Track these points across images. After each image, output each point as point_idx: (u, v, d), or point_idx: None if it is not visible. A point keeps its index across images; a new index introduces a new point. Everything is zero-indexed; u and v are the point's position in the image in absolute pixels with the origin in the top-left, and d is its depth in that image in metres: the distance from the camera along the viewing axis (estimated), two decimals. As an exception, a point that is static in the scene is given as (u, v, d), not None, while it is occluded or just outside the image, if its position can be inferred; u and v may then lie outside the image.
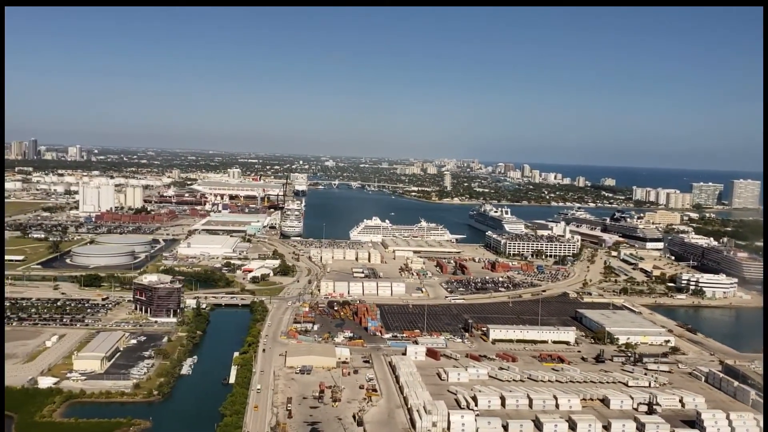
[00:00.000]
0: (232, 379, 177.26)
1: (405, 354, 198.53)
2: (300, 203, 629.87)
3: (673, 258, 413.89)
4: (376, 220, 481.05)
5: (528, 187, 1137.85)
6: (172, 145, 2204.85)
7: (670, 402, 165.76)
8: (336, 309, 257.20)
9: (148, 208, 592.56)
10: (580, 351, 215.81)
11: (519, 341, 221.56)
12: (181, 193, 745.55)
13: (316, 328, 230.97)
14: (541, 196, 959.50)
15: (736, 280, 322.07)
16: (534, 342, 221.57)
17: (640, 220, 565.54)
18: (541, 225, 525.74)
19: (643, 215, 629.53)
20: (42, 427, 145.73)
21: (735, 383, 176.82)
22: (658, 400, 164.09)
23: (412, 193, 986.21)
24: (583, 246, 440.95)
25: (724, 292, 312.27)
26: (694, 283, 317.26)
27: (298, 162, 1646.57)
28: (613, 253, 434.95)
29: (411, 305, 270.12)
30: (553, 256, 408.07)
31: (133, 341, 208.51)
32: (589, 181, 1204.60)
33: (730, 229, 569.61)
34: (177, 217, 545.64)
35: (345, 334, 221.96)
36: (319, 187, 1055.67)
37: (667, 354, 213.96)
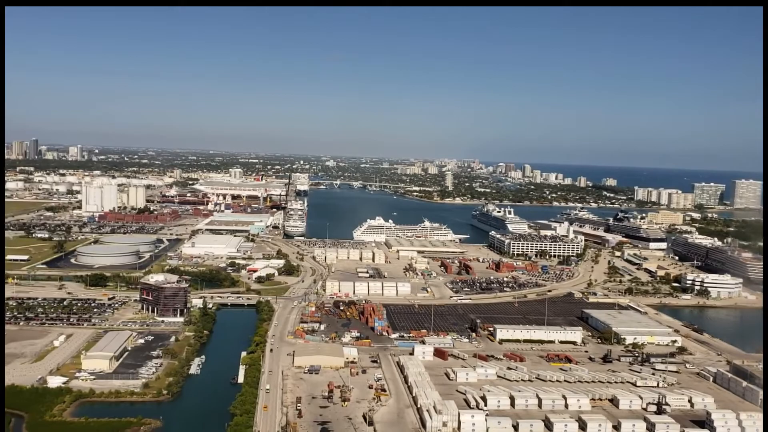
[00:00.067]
0: (240, 379, 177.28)
1: (413, 354, 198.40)
2: (303, 203, 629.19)
3: (676, 258, 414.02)
4: (380, 220, 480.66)
5: (529, 187, 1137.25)
6: (173, 145, 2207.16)
7: (679, 402, 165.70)
8: (342, 309, 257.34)
9: (151, 208, 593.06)
10: (587, 351, 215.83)
11: (526, 341, 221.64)
12: (183, 193, 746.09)
13: (323, 327, 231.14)
14: (542, 197, 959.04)
15: (741, 280, 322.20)
16: (541, 342, 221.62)
17: (642, 220, 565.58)
18: (544, 225, 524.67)
19: (645, 215, 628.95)
20: (53, 427, 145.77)
21: (744, 383, 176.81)
22: (667, 400, 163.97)
23: (414, 193, 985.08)
24: (587, 246, 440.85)
25: (729, 293, 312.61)
26: (699, 283, 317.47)
27: (299, 162, 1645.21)
28: (617, 253, 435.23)
29: (417, 305, 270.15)
30: (557, 256, 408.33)
31: (141, 341, 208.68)
32: (591, 182, 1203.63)
33: (733, 229, 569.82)
34: (180, 217, 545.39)
35: (352, 334, 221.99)
36: (321, 187, 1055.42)
37: (675, 354, 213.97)
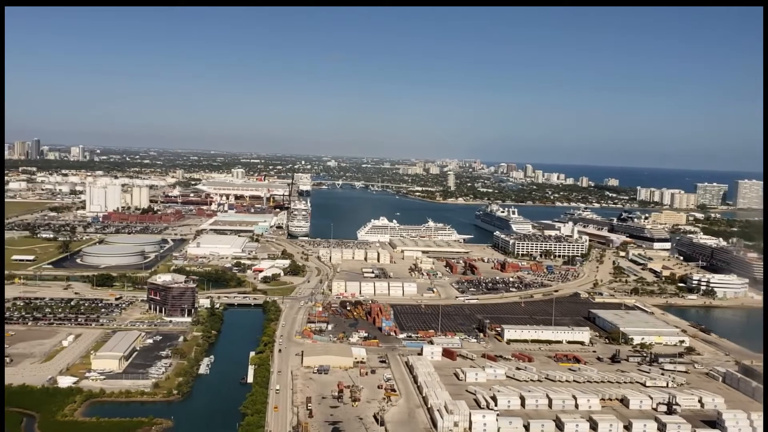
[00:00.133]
0: (250, 379, 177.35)
1: (421, 354, 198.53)
2: (306, 203, 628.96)
3: (681, 258, 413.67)
4: (384, 220, 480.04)
5: (531, 187, 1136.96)
6: (174, 146, 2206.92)
7: (690, 402, 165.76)
8: (349, 309, 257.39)
9: (155, 208, 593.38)
10: (595, 351, 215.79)
11: (534, 341, 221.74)
12: (186, 193, 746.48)
13: (330, 328, 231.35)
14: (545, 197, 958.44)
15: (747, 280, 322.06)
16: (549, 342, 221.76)
17: (646, 220, 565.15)
18: (548, 225, 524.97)
19: (648, 216, 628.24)
20: (65, 426, 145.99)
21: (753, 383, 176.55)
22: (677, 401, 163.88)
23: (416, 193, 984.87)
24: (591, 246, 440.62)
25: (736, 293, 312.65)
26: (705, 283, 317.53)
27: (301, 162, 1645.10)
28: (621, 253, 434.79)
29: (423, 305, 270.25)
30: (562, 256, 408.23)
31: (150, 341, 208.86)
32: (592, 182, 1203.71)
33: (736, 229, 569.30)
34: (184, 217, 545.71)
35: (360, 334, 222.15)
36: (323, 187, 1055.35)
37: (683, 354, 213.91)
